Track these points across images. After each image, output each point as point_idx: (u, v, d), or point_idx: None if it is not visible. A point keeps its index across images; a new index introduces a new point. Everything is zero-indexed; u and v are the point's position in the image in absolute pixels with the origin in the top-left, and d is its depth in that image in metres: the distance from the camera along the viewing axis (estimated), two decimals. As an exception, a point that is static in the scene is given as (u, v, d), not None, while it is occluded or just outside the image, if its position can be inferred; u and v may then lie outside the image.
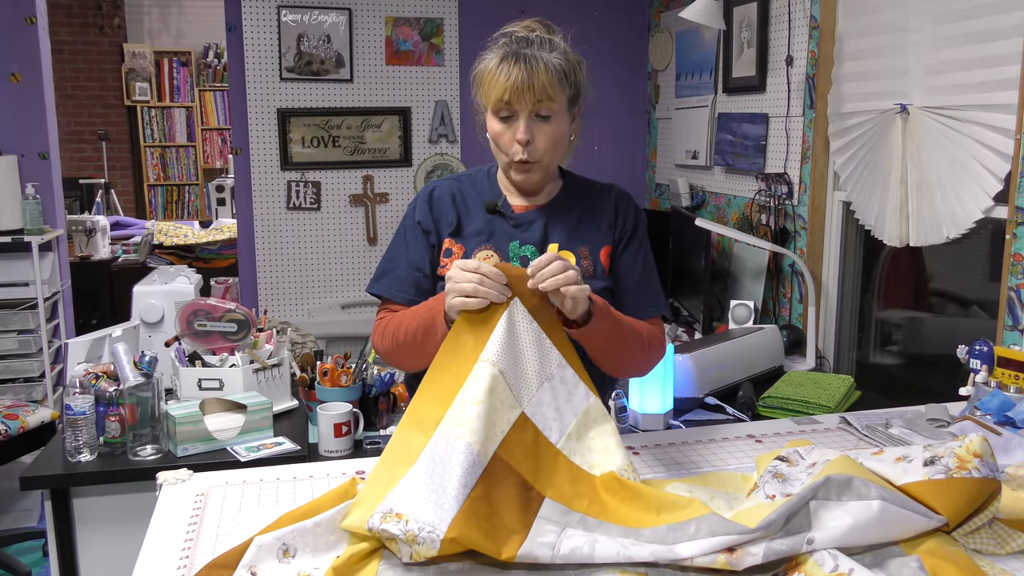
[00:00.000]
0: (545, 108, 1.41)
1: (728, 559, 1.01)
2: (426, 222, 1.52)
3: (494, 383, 1.16)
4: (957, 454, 1.09)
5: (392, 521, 1.05)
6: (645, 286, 1.54)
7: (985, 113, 2.22)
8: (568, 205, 1.54)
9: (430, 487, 1.08)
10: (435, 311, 1.34)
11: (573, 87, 1.44)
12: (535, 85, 1.38)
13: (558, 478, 1.17)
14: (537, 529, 1.09)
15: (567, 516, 1.12)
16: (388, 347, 1.46)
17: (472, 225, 1.51)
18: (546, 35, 1.45)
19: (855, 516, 1.03)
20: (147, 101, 7.16)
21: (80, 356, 2.27)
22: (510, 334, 1.21)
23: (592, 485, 1.17)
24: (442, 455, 1.10)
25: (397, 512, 1.06)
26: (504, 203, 1.53)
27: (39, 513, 3.30)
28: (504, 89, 1.39)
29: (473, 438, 1.10)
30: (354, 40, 3.94)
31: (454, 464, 1.08)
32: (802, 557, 1.01)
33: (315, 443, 2.10)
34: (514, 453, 1.15)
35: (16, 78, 3.71)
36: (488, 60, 1.43)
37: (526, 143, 1.42)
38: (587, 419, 1.24)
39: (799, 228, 3.04)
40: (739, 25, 3.35)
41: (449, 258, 1.50)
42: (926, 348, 2.79)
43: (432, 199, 1.54)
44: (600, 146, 4.36)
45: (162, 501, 1.30)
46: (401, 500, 1.08)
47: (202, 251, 5.20)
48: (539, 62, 1.39)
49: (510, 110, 1.41)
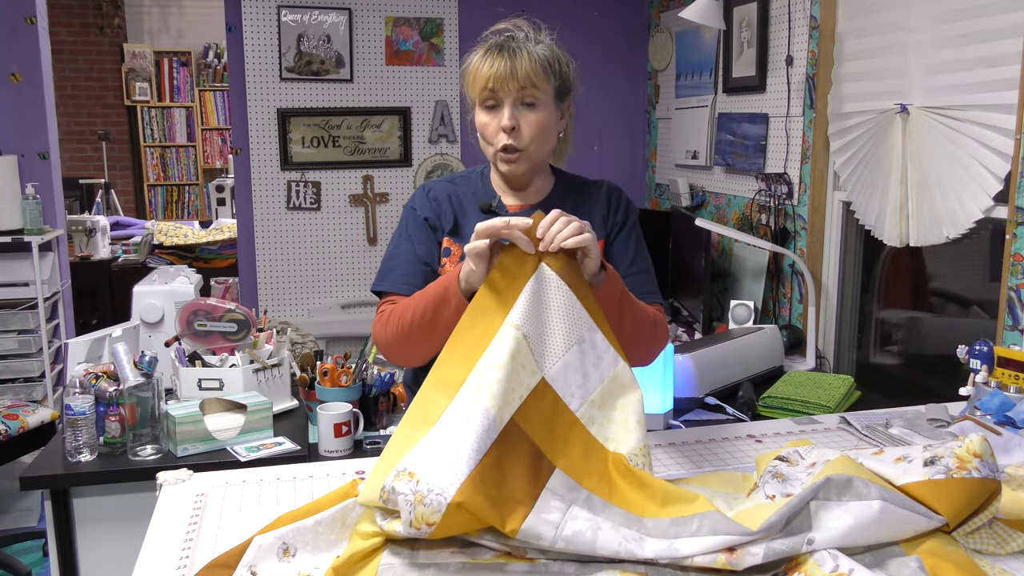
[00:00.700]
0: (530, 95, 1.42)
1: (728, 559, 1.01)
2: (432, 218, 1.53)
3: (517, 347, 1.15)
4: (957, 454, 1.09)
5: (404, 480, 1.04)
6: (641, 273, 1.54)
7: (985, 113, 2.22)
8: (561, 202, 1.54)
9: (445, 449, 1.08)
10: (446, 282, 1.33)
11: (558, 78, 1.46)
12: (518, 72, 1.40)
13: (571, 449, 1.16)
14: (543, 503, 1.08)
15: (574, 492, 1.11)
16: (393, 334, 1.42)
17: (468, 225, 1.52)
18: (532, 33, 1.46)
19: (855, 516, 1.03)
20: (147, 101, 7.17)
21: (80, 356, 2.27)
22: (537, 297, 1.20)
23: (604, 461, 1.17)
24: (460, 418, 1.10)
25: (410, 471, 1.05)
26: (499, 203, 1.53)
27: (39, 513, 3.30)
28: (488, 77, 1.41)
29: (491, 403, 1.10)
30: (354, 40, 3.94)
31: (470, 429, 1.08)
32: (802, 557, 1.01)
33: (315, 443, 2.10)
34: (530, 419, 1.14)
35: (16, 78, 3.71)
36: (473, 55, 1.45)
37: (511, 129, 1.43)
38: (614, 385, 1.23)
39: (799, 228, 3.04)
40: (739, 25, 3.35)
41: (448, 257, 1.51)
42: (926, 348, 2.79)
43: (430, 197, 1.55)
44: (600, 146, 4.36)
45: (162, 501, 1.30)
46: (417, 460, 1.07)
47: (202, 251, 5.20)
48: (522, 51, 1.41)
49: (495, 98, 1.43)
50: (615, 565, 1.04)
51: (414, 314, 1.37)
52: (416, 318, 1.37)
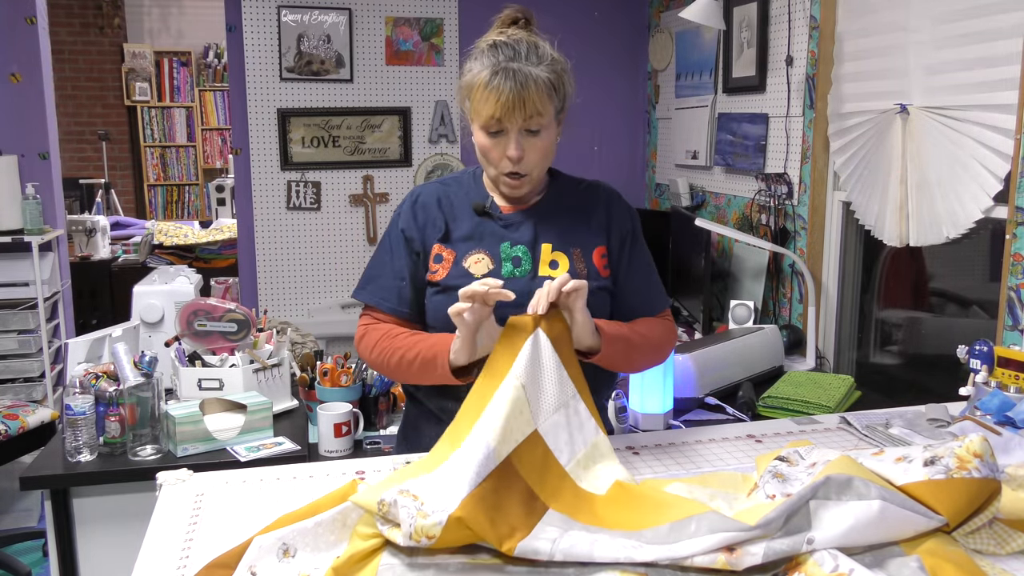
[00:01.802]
0: (535, 124, 1.40)
1: (728, 559, 1.01)
2: (409, 230, 1.51)
3: (516, 395, 1.21)
4: (957, 454, 1.09)
5: (407, 497, 1.07)
6: (652, 284, 1.57)
7: (985, 113, 2.22)
8: (557, 204, 1.54)
9: (447, 479, 1.11)
10: (437, 350, 1.37)
11: (560, 98, 1.44)
12: (526, 103, 1.37)
13: (563, 494, 1.20)
14: (539, 530, 1.10)
15: (569, 523, 1.14)
16: (375, 361, 1.49)
17: (460, 229, 1.50)
18: (530, 39, 1.43)
19: (855, 516, 1.03)
20: (147, 101, 7.17)
21: (80, 356, 2.27)
22: (534, 356, 1.26)
23: (596, 503, 1.20)
24: (464, 454, 1.14)
25: (413, 493, 1.08)
26: (492, 204, 1.52)
27: (39, 513, 3.30)
28: (495, 107, 1.38)
29: (491, 436, 1.15)
30: (354, 40, 3.94)
31: (472, 458, 1.12)
32: (802, 557, 1.01)
33: (315, 443, 2.10)
34: (523, 462, 1.18)
35: (16, 78, 3.71)
36: (477, 73, 1.41)
37: (518, 160, 1.42)
38: (595, 451, 1.28)
39: (799, 228, 3.04)
40: (739, 25, 3.35)
41: (440, 263, 1.49)
42: (926, 348, 2.79)
43: (417, 206, 1.53)
44: (600, 146, 4.36)
45: (162, 501, 1.30)
46: (419, 485, 1.11)
47: (202, 251, 5.20)
48: (529, 79, 1.37)
49: (500, 126, 1.41)
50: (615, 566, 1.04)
51: (400, 360, 1.43)
52: (403, 366, 1.43)
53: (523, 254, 1.48)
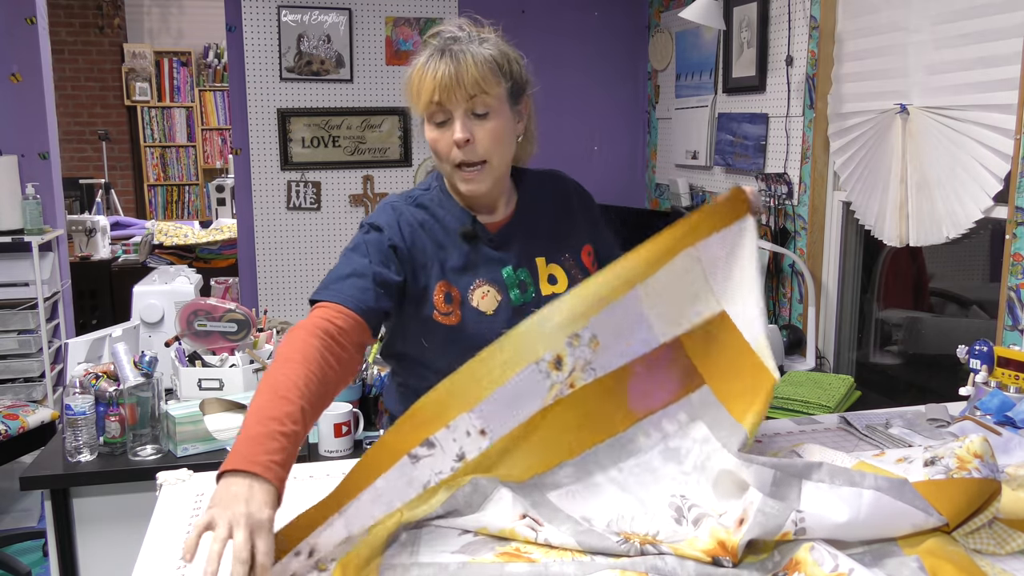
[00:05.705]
0: (480, 104, 1.30)
1: (722, 528, 1.05)
2: (403, 248, 1.37)
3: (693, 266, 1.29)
4: (957, 454, 1.09)
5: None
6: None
7: (985, 113, 2.22)
8: (534, 207, 1.48)
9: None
10: (242, 448, 1.11)
11: (510, 78, 1.34)
12: (465, 80, 1.28)
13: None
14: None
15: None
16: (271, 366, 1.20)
17: (452, 260, 1.40)
18: (476, 29, 1.36)
19: (847, 502, 1.03)
20: (147, 101, 7.17)
21: (80, 356, 2.27)
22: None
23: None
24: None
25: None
26: (478, 226, 1.42)
27: (39, 513, 3.30)
28: (432, 88, 1.29)
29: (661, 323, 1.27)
30: (354, 40, 3.94)
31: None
32: (802, 557, 1.01)
33: (315, 443, 2.10)
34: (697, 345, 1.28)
35: (16, 78, 3.71)
36: (415, 63, 1.33)
37: (464, 143, 1.31)
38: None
39: (799, 228, 3.04)
40: (739, 25, 3.35)
41: (451, 304, 1.38)
42: (926, 348, 2.79)
43: (404, 223, 1.39)
44: (600, 146, 4.36)
45: (162, 501, 1.30)
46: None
47: (202, 251, 5.20)
48: (467, 55, 1.29)
49: (444, 112, 1.31)
50: (615, 566, 1.04)
51: (257, 400, 1.13)
52: (253, 405, 1.13)
53: (525, 276, 1.43)
